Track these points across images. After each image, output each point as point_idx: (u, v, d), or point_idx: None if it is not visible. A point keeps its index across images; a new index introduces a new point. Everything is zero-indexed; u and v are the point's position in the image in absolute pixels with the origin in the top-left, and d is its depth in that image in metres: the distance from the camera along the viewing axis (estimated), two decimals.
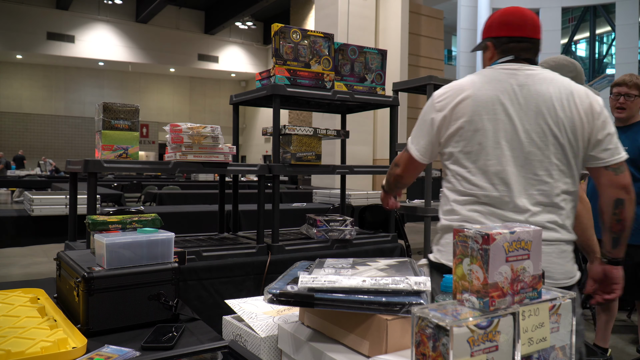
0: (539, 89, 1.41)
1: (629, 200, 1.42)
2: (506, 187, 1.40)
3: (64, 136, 20.84)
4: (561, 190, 1.41)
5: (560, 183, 1.41)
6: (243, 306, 1.38)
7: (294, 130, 2.65)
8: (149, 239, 1.45)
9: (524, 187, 1.40)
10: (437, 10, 9.84)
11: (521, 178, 1.40)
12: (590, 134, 1.42)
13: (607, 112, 1.46)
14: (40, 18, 17.76)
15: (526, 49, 1.48)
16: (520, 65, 1.46)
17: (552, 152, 1.40)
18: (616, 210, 1.43)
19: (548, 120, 1.40)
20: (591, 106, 1.42)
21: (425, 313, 0.79)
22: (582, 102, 1.42)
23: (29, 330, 1.23)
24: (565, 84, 1.44)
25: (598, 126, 1.42)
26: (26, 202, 3.69)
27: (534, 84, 1.42)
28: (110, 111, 2.39)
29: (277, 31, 2.58)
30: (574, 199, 1.45)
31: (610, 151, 1.42)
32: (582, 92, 1.44)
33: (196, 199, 6.51)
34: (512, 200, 1.39)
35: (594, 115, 1.42)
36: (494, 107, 1.41)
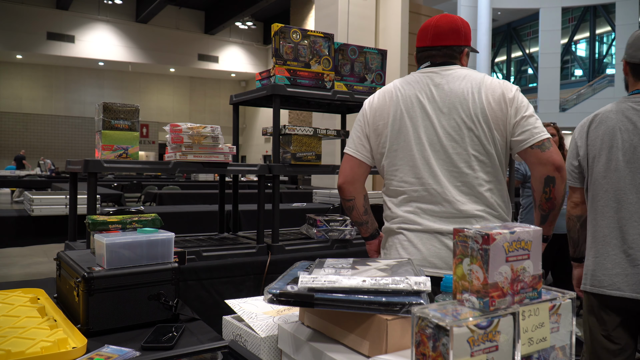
0: (452, 86, 1.52)
1: (559, 178, 1.46)
2: (432, 181, 1.50)
3: (64, 136, 20.84)
4: (484, 180, 1.49)
5: (482, 173, 1.49)
6: (243, 306, 1.38)
7: (294, 130, 2.65)
8: (149, 239, 1.45)
9: (448, 180, 1.49)
10: (437, 11, 9.85)
11: (445, 172, 1.50)
12: (506, 121, 1.49)
13: (522, 98, 1.51)
14: (40, 18, 17.76)
15: (435, 55, 1.60)
16: (436, 68, 1.58)
17: (468, 145, 1.49)
18: (546, 188, 1.47)
19: (462, 114, 1.49)
20: (503, 95, 1.49)
21: (425, 313, 0.79)
22: (493, 92, 1.49)
23: (29, 330, 1.23)
24: (477, 78, 1.53)
25: (512, 113, 1.49)
26: (26, 202, 3.69)
27: (447, 82, 1.54)
28: (110, 111, 2.39)
29: (277, 31, 2.58)
30: (500, 187, 1.52)
31: (529, 131, 1.47)
32: (494, 83, 1.52)
33: (196, 199, 6.51)
34: (440, 193, 1.50)
35: (506, 103, 1.48)
36: (414, 107, 1.55)
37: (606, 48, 24.07)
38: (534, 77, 25.53)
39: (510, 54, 27.46)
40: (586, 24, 24.08)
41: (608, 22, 22.91)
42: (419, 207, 1.53)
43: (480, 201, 1.50)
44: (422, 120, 1.53)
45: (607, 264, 1.75)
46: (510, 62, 27.61)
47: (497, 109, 1.49)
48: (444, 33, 1.59)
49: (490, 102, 1.49)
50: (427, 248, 1.52)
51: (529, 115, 1.49)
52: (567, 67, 25.16)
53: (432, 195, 1.51)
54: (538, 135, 1.47)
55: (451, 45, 1.60)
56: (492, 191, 1.51)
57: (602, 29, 23.80)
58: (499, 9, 22.29)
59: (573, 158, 1.91)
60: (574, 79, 24.85)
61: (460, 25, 1.61)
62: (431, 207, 1.51)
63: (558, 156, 1.46)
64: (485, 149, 1.49)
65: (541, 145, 1.46)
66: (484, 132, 1.49)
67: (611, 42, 23.06)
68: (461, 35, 1.61)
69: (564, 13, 22.73)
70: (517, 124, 1.49)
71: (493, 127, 1.49)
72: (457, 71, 1.57)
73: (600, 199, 1.79)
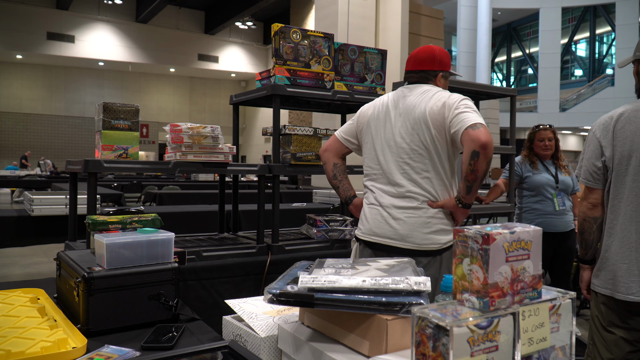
0: (412, 98, 1.92)
1: (483, 154, 1.69)
2: (385, 167, 1.93)
3: (64, 136, 20.82)
4: (421, 169, 1.86)
5: (420, 164, 1.86)
6: (243, 306, 1.38)
7: (294, 130, 2.65)
8: (149, 239, 1.45)
9: (395, 167, 1.90)
10: (437, 10, 9.84)
11: (393, 161, 1.91)
12: (444, 121, 1.82)
13: (461, 103, 1.80)
14: (40, 18, 17.74)
15: (412, 77, 2.02)
16: (410, 86, 1.99)
17: (413, 142, 1.87)
18: (471, 161, 1.71)
19: (411, 118, 1.89)
20: (444, 103, 1.83)
21: (425, 313, 0.79)
22: (438, 101, 1.84)
23: (29, 330, 1.23)
24: (432, 92, 1.90)
25: (448, 114, 1.80)
26: (26, 202, 3.69)
27: (410, 95, 1.94)
28: (110, 111, 2.39)
29: (277, 31, 2.58)
30: (438, 177, 1.86)
31: (461, 121, 1.75)
32: (441, 95, 1.87)
33: (196, 199, 6.51)
34: (388, 176, 1.92)
35: (445, 108, 1.82)
36: (383, 112, 1.99)
37: (606, 48, 24.06)
38: (534, 77, 25.52)
39: (510, 54, 27.46)
40: (586, 24, 24.07)
41: (608, 22, 22.90)
42: (374, 185, 1.97)
43: (418, 186, 1.86)
44: (385, 122, 1.97)
45: (635, 270, 1.69)
46: (510, 62, 27.61)
47: (438, 113, 1.83)
48: (421, 60, 2.00)
49: (432, 108, 1.84)
50: (373, 219, 1.93)
51: (463, 111, 1.78)
52: (567, 67, 25.15)
53: (384, 177, 1.94)
54: (469, 121, 1.73)
55: (426, 70, 1.99)
56: (430, 179, 1.86)
57: (602, 29, 23.80)
58: (499, 9, 22.29)
59: (596, 158, 1.81)
60: (574, 79, 24.85)
61: (437, 54, 2.00)
62: (382, 186, 1.94)
63: (486, 136, 1.69)
64: (425, 145, 1.85)
65: (473, 125, 1.72)
66: (424, 132, 1.85)
67: (611, 42, 23.06)
68: (435, 62, 1.99)
69: (564, 13, 22.72)
70: (452, 120, 1.79)
71: (432, 128, 1.83)
72: (422, 87, 1.95)
73: (631, 202, 1.72)
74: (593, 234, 1.87)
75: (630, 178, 1.72)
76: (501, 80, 28.05)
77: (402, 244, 1.84)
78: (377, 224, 1.90)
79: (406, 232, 1.83)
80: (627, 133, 1.72)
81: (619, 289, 1.73)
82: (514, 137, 3.66)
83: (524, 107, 23.44)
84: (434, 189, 1.86)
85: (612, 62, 22.80)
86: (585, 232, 1.89)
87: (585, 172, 1.86)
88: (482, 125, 1.71)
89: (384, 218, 1.89)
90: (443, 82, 2.01)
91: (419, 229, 1.83)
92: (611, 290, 1.76)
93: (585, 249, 1.92)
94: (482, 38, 19.08)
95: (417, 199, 1.85)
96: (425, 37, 9.50)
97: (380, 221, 1.90)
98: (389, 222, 1.87)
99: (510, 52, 27.36)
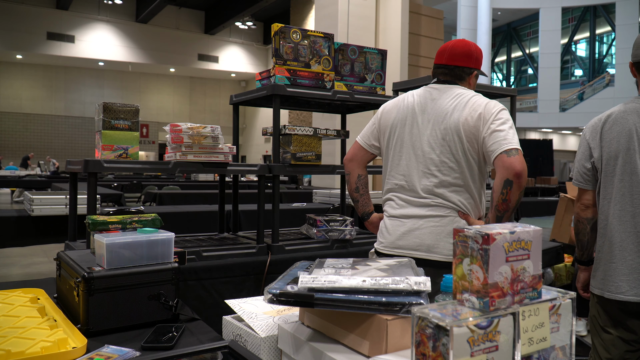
0: (442, 102, 1.77)
1: (516, 184, 1.60)
2: (410, 178, 1.80)
3: (64, 136, 20.82)
4: (449, 183, 1.74)
5: (448, 177, 1.74)
6: (243, 306, 1.38)
7: (294, 130, 2.65)
8: (149, 239, 1.45)
9: (422, 179, 1.77)
10: (437, 10, 9.84)
11: (420, 172, 1.78)
12: (478, 135, 1.69)
13: (500, 115, 1.69)
14: (40, 18, 17.73)
15: (443, 74, 1.85)
16: (439, 85, 1.83)
17: (443, 153, 1.74)
18: (504, 190, 1.61)
19: (441, 126, 1.75)
20: (481, 114, 1.69)
21: (425, 313, 0.79)
22: (474, 111, 1.71)
23: (29, 330, 1.23)
24: (467, 97, 1.75)
25: (485, 129, 1.68)
26: (26, 202, 3.69)
27: (440, 98, 1.78)
28: (110, 111, 2.39)
29: (277, 31, 2.58)
30: (465, 190, 1.74)
31: (498, 143, 1.64)
32: (478, 103, 1.73)
33: (196, 199, 6.51)
34: (412, 187, 1.79)
35: (482, 120, 1.69)
36: (410, 115, 1.83)
37: (606, 48, 24.06)
38: (534, 77, 25.52)
39: (510, 54, 27.45)
40: (586, 24, 24.07)
41: (608, 22, 22.89)
42: (397, 196, 1.84)
43: (445, 198, 1.75)
44: (412, 127, 1.82)
45: (624, 269, 1.72)
46: (510, 62, 27.61)
47: (473, 125, 1.70)
48: (457, 54, 1.84)
49: (467, 120, 1.70)
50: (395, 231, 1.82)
51: (499, 129, 1.66)
52: (567, 67, 25.15)
53: (408, 188, 1.81)
54: (505, 146, 1.63)
55: (462, 66, 1.84)
56: (458, 193, 1.74)
57: (602, 29, 23.79)
58: (499, 9, 22.28)
59: (585, 160, 1.84)
60: (574, 79, 24.85)
61: (473, 50, 1.85)
62: (405, 197, 1.81)
63: (521, 165, 1.59)
64: (456, 158, 1.73)
65: (508, 152, 1.62)
66: (455, 143, 1.72)
67: (611, 42, 23.05)
68: (472, 59, 1.85)
69: (564, 13, 22.72)
70: (489, 137, 1.67)
71: (465, 140, 1.71)
72: (453, 90, 1.80)
73: (617, 202, 1.74)
74: (587, 234, 1.90)
75: (617, 178, 1.75)
76: (501, 80, 28.05)
77: (428, 255, 1.73)
78: (401, 236, 1.79)
79: (432, 242, 1.72)
80: (613, 134, 1.76)
81: (609, 288, 1.75)
82: None
83: (524, 107, 23.45)
84: (461, 202, 1.74)
85: (612, 62, 22.78)
86: (580, 234, 1.92)
87: (576, 174, 1.89)
88: (517, 152, 1.62)
89: (408, 229, 1.77)
90: (474, 82, 1.89)
91: (445, 238, 1.72)
92: (601, 289, 1.79)
93: (580, 249, 1.95)
94: (482, 38, 19.08)
95: (444, 209, 1.74)
96: (425, 37, 9.50)
97: (404, 232, 1.78)
98: (414, 232, 1.76)
99: (510, 52, 27.36)
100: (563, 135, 27.16)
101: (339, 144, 3.54)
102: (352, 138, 3.68)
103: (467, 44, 1.86)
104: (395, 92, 3.89)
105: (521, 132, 25.01)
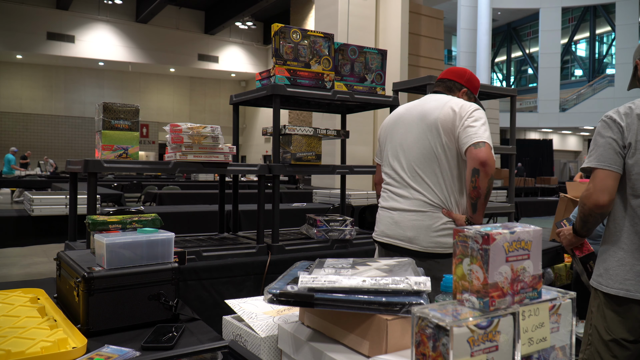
0: (428, 105, 1.98)
1: (483, 172, 1.78)
2: (400, 171, 1.99)
3: (64, 136, 20.82)
4: (431, 175, 1.91)
5: (429, 170, 1.91)
6: (243, 306, 1.38)
7: (294, 130, 2.65)
8: (149, 239, 1.45)
9: (406, 172, 1.96)
10: (437, 10, 9.83)
11: (405, 166, 1.97)
12: (453, 129, 1.87)
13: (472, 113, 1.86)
14: (40, 18, 17.74)
15: (437, 86, 2.13)
16: (431, 94, 2.08)
17: (425, 147, 1.92)
18: (472, 178, 1.80)
19: (423, 125, 1.95)
20: (456, 111, 1.88)
21: (425, 313, 0.79)
22: (450, 108, 1.89)
23: (29, 330, 1.23)
24: (447, 99, 1.95)
25: (459, 124, 1.86)
26: (26, 202, 3.69)
27: (428, 103, 2.00)
28: (110, 111, 2.39)
29: (277, 31, 2.58)
30: (447, 184, 1.90)
31: (469, 137, 1.82)
32: (453, 102, 1.91)
33: (196, 199, 6.51)
34: (399, 181, 1.99)
35: (456, 116, 1.87)
36: (399, 120, 2.06)
37: (606, 48, 24.06)
38: (534, 77, 25.53)
39: (510, 54, 27.46)
40: (586, 24, 24.08)
41: (608, 22, 22.90)
42: (387, 188, 2.05)
43: (426, 191, 1.91)
44: (399, 127, 2.04)
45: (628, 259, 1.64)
46: (510, 62, 27.61)
47: (450, 122, 1.88)
48: (451, 72, 2.14)
49: (445, 116, 1.89)
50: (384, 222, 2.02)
51: (472, 125, 1.84)
52: (567, 67, 25.15)
53: (396, 181, 2.00)
54: (476, 138, 1.81)
55: (452, 80, 2.10)
56: (440, 185, 1.90)
57: (602, 29, 23.80)
58: (499, 9, 22.29)
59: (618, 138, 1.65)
60: (574, 79, 24.85)
61: (467, 72, 2.12)
62: (394, 189, 2.01)
63: (485, 154, 1.77)
64: (435, 152, 1.91)
65: (476, 144, 1.80)
66: (435, 139, 1.90)
67: (611, 42, 23.05)
68: (464, 78, 2.10)
69: (564, 13, 22.73)
70: (462, 131, 1.85)
71: (443, 135, 1.89)
72: (437, 96, 2.02)
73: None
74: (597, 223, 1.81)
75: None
76: (501, 80, 28.06)
77: (410, 245, 1.91)
78: (388, 227, 1.99)
79: (413, 234, 1.91)
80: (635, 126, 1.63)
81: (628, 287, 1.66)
82: (514, 137, 3.66)
83: (524, 107, 23.45)
84: (443, 195, 1.90)
85: (612, 62, 22.78)
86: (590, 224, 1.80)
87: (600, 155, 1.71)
88: (484, 144, 1.79)
89: (394, 221, 1.97)
90: (464, 98, 2.06)
91: (425, 232, 1.89)
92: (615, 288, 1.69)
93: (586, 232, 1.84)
94: (482, 38, 19.09)
95: (424, 204, 1.91)
96: (425, 37, 9.50)
97: (390, 224, 1.98)
98: (398, 224, 1.95)
99: (510, 52, 27.37)
100: (563, 135, 27.16)
101: (339, 144, 3.54)
102: (352, 138, 3.69)
103: (464, 69, 2.14)
104: (395, 92, 3.89)
105: (521, 132, 25.00)
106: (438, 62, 9.90)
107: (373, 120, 9.30)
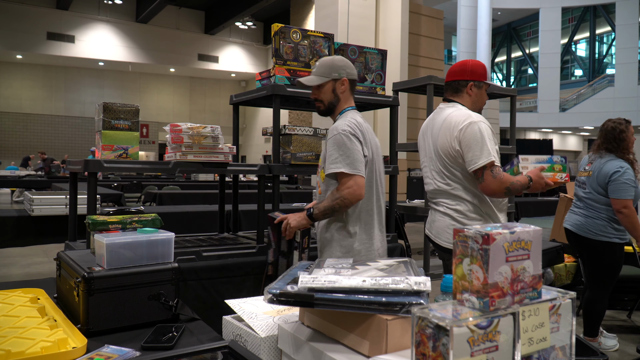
0: (436, 120, 2.14)
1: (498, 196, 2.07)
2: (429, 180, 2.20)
3: (64, 136, 20.82)
4: (437, 186, 2.14)
5: (436, 181, 2.14)
6: (243, 306, 1.38)
7: (294, 130, 2.64)
8: (149, 239, 1.45)
9: (434, 181, 2.16)
10: (437, 10, 9.84)
11: (427, 179, 2.20)
12: (454, 154, 2.03)
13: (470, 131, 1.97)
14: (40, 18, 17.73)
15: (445, 90, 2.21)
16: (443, 104, 2.19)
17: (433, 161, 2.14)
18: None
19: (430, 139, 2.17)
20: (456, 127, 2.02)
21: (425, 313, 0.79)
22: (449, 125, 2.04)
23: (29, 330, 1.23)
24: (448, 113, 2.08)
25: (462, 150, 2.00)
26: (26, 202, 3.69)
27: (439, 116, 2.14)
28: (110, 111, 2.39)
29: (277, 31, 2.58)
30: (452, 195, 2.09)
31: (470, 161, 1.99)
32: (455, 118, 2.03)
33: (196, 199, 6.51)
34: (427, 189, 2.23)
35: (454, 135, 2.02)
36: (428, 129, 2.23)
37: (606, 48, 24.05)
38: (534, 77, 25.52)
39: (510, 54, 27.45)
40: (586, 24, 24.06)
41: (608, 22, 22.89)
42: (427, 189, 2.28)
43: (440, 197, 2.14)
44: (428, 139, 2.21)
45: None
46: (510, 62, 27.60)
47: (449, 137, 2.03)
48: (452, 72, 2.17)
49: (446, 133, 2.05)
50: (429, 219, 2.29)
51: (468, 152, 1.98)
52: (567, 67, 25.15)
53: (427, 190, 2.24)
54: (473, 165, 1.97)
55: (456, 80, 2.14)
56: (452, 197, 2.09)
57: (602, 29, 23.78)
58: (499, 9, 22.28)
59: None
60: (574, 79, 24.84)
61: (468, 64, 2.14)
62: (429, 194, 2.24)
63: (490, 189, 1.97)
64: (439, 165, 2.11)
65: (480, 179, 1.98)
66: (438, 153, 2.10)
67: (611, 42, 23.04)
68: (466, 73, 2.12)
69: (564, 13, 22.71)
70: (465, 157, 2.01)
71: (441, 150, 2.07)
72: (445, 108, 2.14)
73: None
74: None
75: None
76: (501, 80, 28.05)
77: (437, 240, 2.17)
78: (428, 222, 2.28)
79: (436, 232, 2.18)
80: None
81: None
82: (514, 137, 3.66)
83: (524, 107, 23.44)
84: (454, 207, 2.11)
85: (612, 62, 22.78)
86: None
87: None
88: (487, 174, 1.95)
89: (430, 219, 2.25)
90: (476, 92, 2.13)
91: (443, 232, 2.14)
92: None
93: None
94: (482, 38, 19.07)
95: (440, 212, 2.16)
96: (425, 37, 9.50)
97: (428, 221, 2.28)
98: (430, 223, 2.24)
99: (510, 52, 27.36)
100: (563, 135, 27.15)
101: None
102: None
103: (463, 61, 2.17)
104: (395, 92, 3.89)
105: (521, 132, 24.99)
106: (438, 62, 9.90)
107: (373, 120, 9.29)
